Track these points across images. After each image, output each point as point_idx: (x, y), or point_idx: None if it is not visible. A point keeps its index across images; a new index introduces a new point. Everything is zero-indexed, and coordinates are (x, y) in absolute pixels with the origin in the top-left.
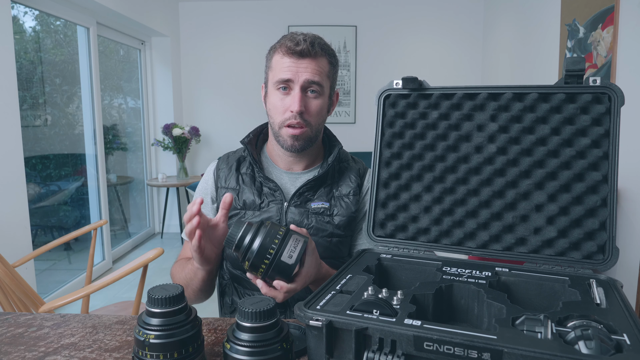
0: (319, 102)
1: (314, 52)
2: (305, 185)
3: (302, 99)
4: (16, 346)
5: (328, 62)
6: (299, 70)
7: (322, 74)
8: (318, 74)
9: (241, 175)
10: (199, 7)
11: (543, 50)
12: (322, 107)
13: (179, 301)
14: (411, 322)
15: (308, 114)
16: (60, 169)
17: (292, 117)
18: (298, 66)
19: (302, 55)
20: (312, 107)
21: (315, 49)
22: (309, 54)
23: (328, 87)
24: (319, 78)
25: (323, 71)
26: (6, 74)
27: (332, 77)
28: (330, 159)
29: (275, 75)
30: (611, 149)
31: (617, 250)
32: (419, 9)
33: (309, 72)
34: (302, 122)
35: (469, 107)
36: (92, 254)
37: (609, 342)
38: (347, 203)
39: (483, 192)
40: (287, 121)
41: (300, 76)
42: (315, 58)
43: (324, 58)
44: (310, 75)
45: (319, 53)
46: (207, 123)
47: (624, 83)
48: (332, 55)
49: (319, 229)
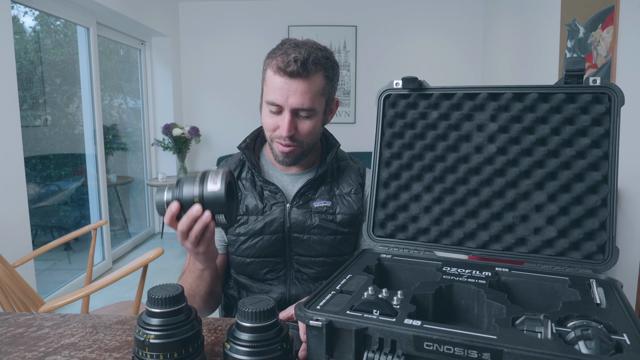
0: (311, 122)
1: (305, 73)
2: (305, 185)
3: (292, 122)
4: (16, 346)
5: (324, 77)
6: (290, 94)
7: (315, 95)
8: (309, 98)
9: (241, 181)
10: (199, 7)
11: (543, 50)
12: (314, 125)
13: (179, 301)
14: (411, 322)
15: (299, 134)
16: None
17: (281, 138)
18: (289, 88)
19: (293, 76)
20: (303, 128)
21: (308, 67)
22: (300, 74)
23: (323, 103)
24: (310, 103)
25: (316, 91)
26: (6, 74)
27: (328, 91)
28: (329, 157)
29: (266, 93)
30: (611, 149)
31: (617, 250)
32: (419, 9)
33: (298, 97)
34: (291, 142)
35: (469, 107)
36: (92, 254)
37: (609, 342)
38: (349, 201)
39: (483, 192)
40: (276, 139)
41: (290, 101)
42: (308, 78)
43: (318, 75)
44: (299, 101)
45: (312, 71)
46: (207, 123)
47: (624, 83)
48: (329, 68)
49: (322, 227)
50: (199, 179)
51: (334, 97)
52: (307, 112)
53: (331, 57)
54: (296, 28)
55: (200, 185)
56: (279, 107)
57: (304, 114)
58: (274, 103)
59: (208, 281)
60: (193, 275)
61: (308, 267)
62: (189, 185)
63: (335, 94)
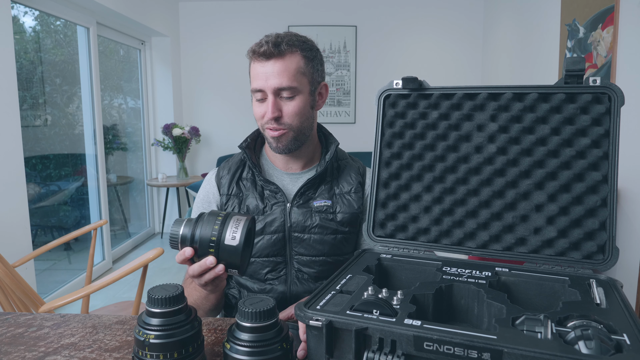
0: (296, 102)
1: (278, 52)
2: (305, 185)
3: (276, 104)
4: (16, 346)
5: (302, 57)
6: (268, 77)
7: (294, 74)
8: (287, 76)
9: (242, 180)
10: (199, 7)
11: (543, 50)
12: (301, 106)
13: (179, 301)
14: (411, 322)
15: (285, 116)
16: (60, 169)
17: (269, 122)
18: (266, 71)
19: (267, 57)
20: (288, 109)
21: (281, 48)
22: (273, 54)
23: (306, 83)
24: (289, 81)
25: (295, 70)
26: (6, 74)
27: (310, 71)
28: (327, 156)
29: (251, 84)
30: (611, 149)
31: (617, 250)
32: (419, 9)
33: (276, 77)
34: (278, 125)
35: (469, 107)
36: (92, 254)
37: (609, 342)
38: (349, 200)
39: (483, 192)
40: (265, 125)
41: (269, 83)
42: (283, 57)
43: (294, 55)
44: (278, 81)
45: (286, 51)
46: (207, 123)
47: (624, 83)
48: (306, 49)
49: (323, 226)
50: (220, 223)
51: (320, 80)
52: (289, 90)
53: (308, 42)
54: (296, 28)
55: (219, 232)
56: (262, 92)
57: (286, 94)
58: (256, 89)
59: (214, 302)
60: (198, 295)
61: (309, 267)
62: (208, 228)
63: (323, 79)
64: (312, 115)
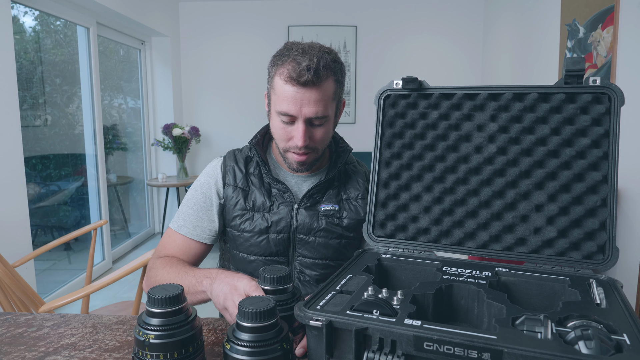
0: (324, 128)
1: (318, 81)
2: (315, 187)
3: (307, 132)
4: (16, 346)
5: (334, 82)
6: (303, 104)
7: (328, 102)
8: (323, 105)
9: (249, 176)
10: (199, 7)
11: (543, 50)
12: (327, 131)
13: (179, 301)
14: (411, 322)
15: (313, 142)
16: (60, 169)
17: (296, 148)
18: (302, 97)
19: (306, 85)
20: (317, 135)
21: (320, 75)
22: (314, 83)
23: (334, 108)
24: (324, 110)
25: (329, 97)
26: (6, 74)
27: (338, 95)
28: (340, 161)
29: (277, 104)
30: (611, 149)
31: (617, 250)
32: (419, 9)
33: (312, 106)
34: (307, 150)
35: (469, 107)
36: (92, 254)
37: (609, 342)
38: (356, 206)
39: (483, 192)
40: (291, 149)
41: (304, 111)
42: (320, 85)
43: (329, 80)
44: (313, 110)
45: (324, 77)
46: (207, 123)
47: (624, 83)
48: (338, 72)
49: (328, 230)
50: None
51: (342, 98)
52: (321, 119)
53: (338, 60)
54: (296, 28)
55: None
56: (292, 117)
57: (317, 122)
58: (287, 114)
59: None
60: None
61: (311, 269)
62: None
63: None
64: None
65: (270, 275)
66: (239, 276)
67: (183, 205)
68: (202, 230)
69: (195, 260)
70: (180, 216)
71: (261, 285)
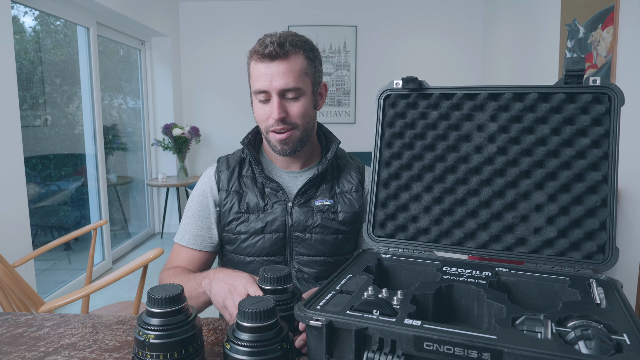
0: (301, 103)
1: (283, 52)
2: (307, 184)
3: (282, 105)
4: (16, 346)
5: (305, 58)
6: (273, 77)
7: (299, 75)
8: (293, 77)
9: (242, 178)
10: (199, 7)
11: (543, 50)
12: (305, 106)
13: (179, 301)
14: (411, 322)
15: (291, 117)
16: (60, 169)
17: (275, 124)
18: (271, 72)
19: (272, 58)
20: (293, 110)
21: (286, 48)
22: (279, 55)
23: (309, 83)
24: (294, 82)
25: (299, 70)
26: (6, 74)
27: (312, 71)
28: (329, 154)
29: (253, 85)
30: (611, 149)
31: (617, 250)
32: (419, 9)
33: (282, 78)
34: (286, 126)
35: (469, 107)
36: (92, 254)
37: (609, 342)
38: (350, 199)
39: (483, 192)
40: (271, 127)
41: (275, 84)
42: (287, 58)
43: (298, 55)
44: (283, 82)
45: (291, 52)
46: (207, 123)
47: (624, 83)
48: (308, 49)
49: (324, 226)
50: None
51: (320, 80)
52: (294, 91)
53: (309, 42)
54: (296, 28)
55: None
56: (266, 93)
57: (291, 95)
58: (260, 90)
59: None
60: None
61: (309, 267)
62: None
63: (322, 78)
64: (315, 115)
65: (271, 275)
66: (237, 274)
67: (183, 217)
68: (203, 239)
69: (201, 269)
70: (181, 228)
71: (261, 285)
